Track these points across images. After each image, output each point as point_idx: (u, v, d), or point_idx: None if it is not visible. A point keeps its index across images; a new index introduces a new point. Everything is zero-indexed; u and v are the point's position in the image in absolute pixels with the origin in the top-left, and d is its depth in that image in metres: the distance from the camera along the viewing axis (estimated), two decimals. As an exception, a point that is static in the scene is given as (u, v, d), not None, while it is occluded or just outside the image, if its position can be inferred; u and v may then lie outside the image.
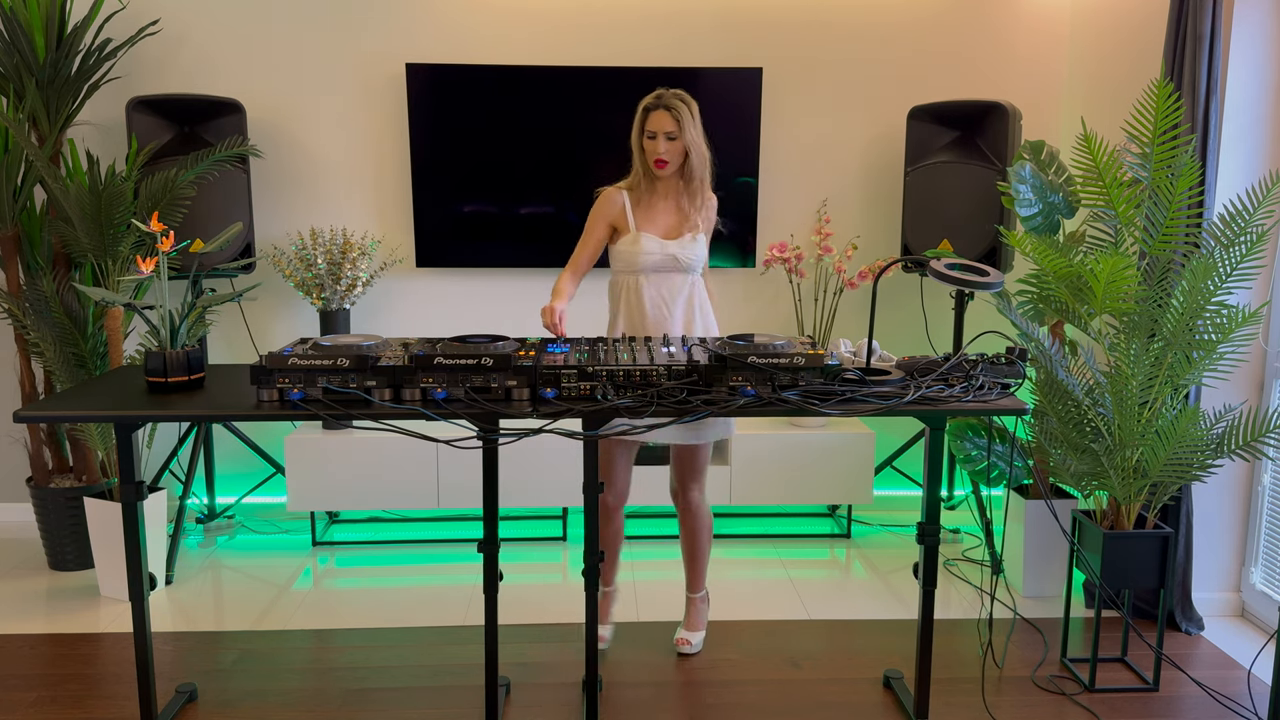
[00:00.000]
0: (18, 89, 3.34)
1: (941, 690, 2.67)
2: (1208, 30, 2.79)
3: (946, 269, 2.30)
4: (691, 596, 2.94)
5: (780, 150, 3.93)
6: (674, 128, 2.59)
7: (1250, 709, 2.61)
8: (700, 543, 2.88)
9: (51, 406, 2.15)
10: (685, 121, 2.60)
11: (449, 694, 2.66)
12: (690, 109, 2.62)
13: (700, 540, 2.87)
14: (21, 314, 3.35)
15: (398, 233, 3.90)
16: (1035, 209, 3.00)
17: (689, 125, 2.60)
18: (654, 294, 2.68)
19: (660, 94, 2.62)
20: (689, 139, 2.61)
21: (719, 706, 2.61)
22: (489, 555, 2.34)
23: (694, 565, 2.91)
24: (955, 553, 3.71)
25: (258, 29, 3.75)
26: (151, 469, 3.82)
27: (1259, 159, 2.98)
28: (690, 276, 2.71)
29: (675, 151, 2.62)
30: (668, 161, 2.63)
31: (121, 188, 3.19)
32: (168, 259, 2.38)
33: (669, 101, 2.60)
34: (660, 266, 2.67)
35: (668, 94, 2.61)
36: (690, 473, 2.81)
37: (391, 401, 2.11)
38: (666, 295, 2.68)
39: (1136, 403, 2.73)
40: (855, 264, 3.93)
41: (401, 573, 3.53)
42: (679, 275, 2.69)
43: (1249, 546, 3.13)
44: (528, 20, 3.80)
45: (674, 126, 2.59)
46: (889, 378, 2.20)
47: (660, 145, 2.61)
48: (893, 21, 3.87)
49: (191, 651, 2.90)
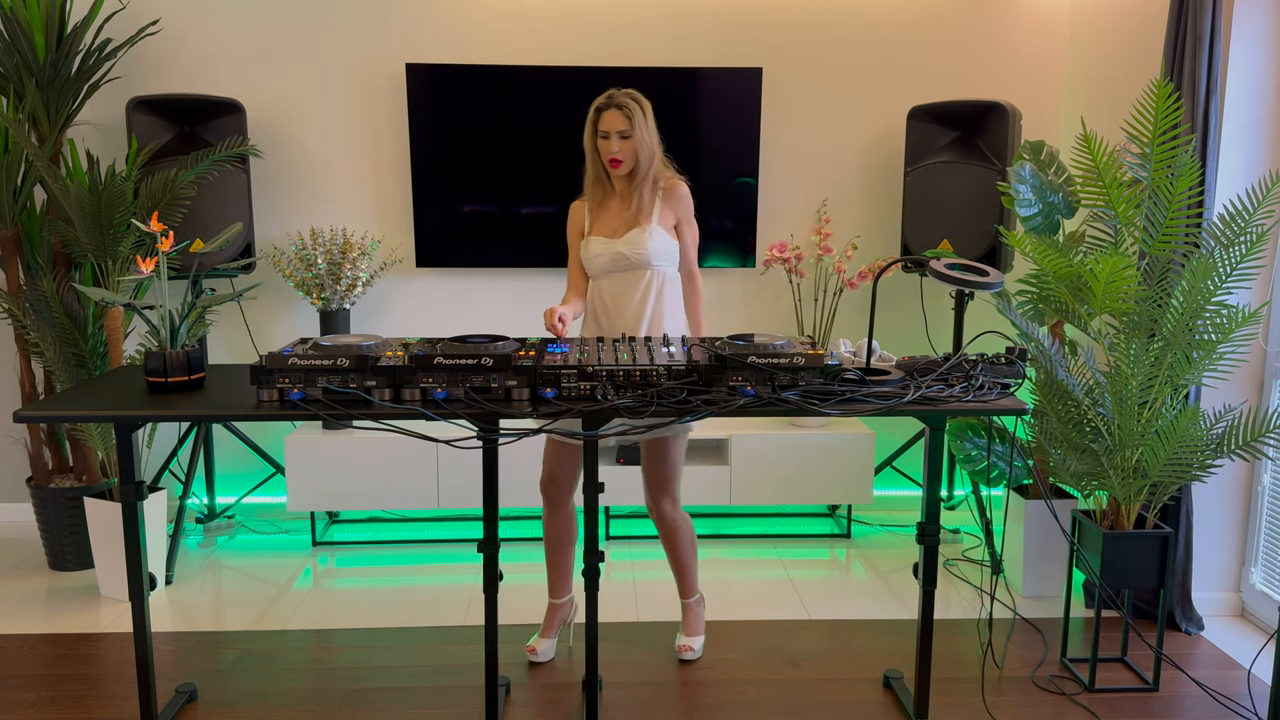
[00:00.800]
0: (18, 89, 3.34)
1: (941, 690, 2.67)
2: (1208, 30, 2.79)
3: (946, 269, 2.30)
4: (686, 602, 2.92)
5: (780, 150, 3.93)
6: (626, 126, 2.60)
7: (1250, 709, 2.61)
8: (684, 553, 2.84)
9: (51, 406, 2.15)
10: (638, 120, 2.60)
11: (449, 694, 2.66)
12: (643, 108, 2.63)
13: (683, 551, 2.83)
14: (21, 314, 3.35)
15: (398, 233, 3.90)
16: (1035, 209, 3.00)
17: (641, 124, 2.61)
18: (610, 294, 2.69)
19: (611, 94, 2.63)
20: (640, 138, 2.62)
21: (719, 706, 2.61)
22: (489, 555, 2.34)
23: (682, 574, 2.88)
24: (955, 553, 3.71)
25: (258, 29, 3.75)
26: (151, 469, 3.82)
27: (1259, 159, 2.98)
28: (648, 272, 2.67)
29: (629, 150, 2.63)
30: (622, 160, 2.63)
31: (121, 188, 3.19)
32: (168, 259, 2.38)
33: (621, 101, 2.60)
34: (611, 266, 2.67)
35: (619, 94, 2.62)
36: (658, 481, 2.75)
37: (391, 401, 2.11)
38: (621, 292, 2.67)
39: (1136, 403, 2.73)
40: (855, 264, 3.93)
41: (401, 573, 3.53)
42: (633, 272, 2.67)
43: (1249, 546, 3.13)
44: (527, 20, 3.80)
45: (627, 125, 2.60)
46: (889, 378, 2.20)
47: (614, 145, 2.61)
48: (893, 21, 3.87)
49: (191, 651, 2.90)
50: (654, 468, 2.75)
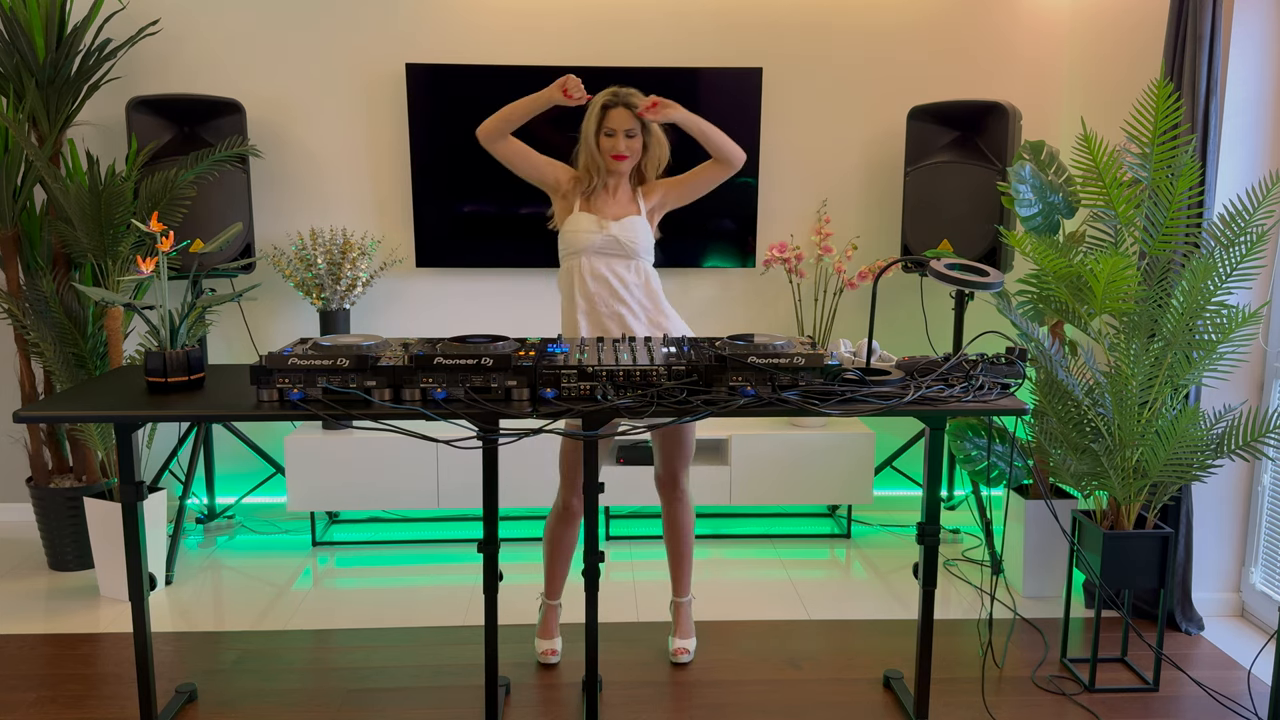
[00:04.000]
0: (18, 89, 3.34)
1: (941, 690, 2.67)
2: (1208, 30, 2.79)
3: (946, 269, 2.30)
4: (679, 601, 2.89)
5: (780, 150, 3.93)
6: (634, 125, 2.63)
7: (1250, 709, 2.61)
8: (689, 538, 2.85)
9: (51, 406, 2.15)
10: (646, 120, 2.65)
11: (449, 694, 2.66)
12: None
13: (689, 535, 2.84)
14: (21, 314, 3.35)
15: (398, 233, 3.90)
16: (1035, 209, 3.00)
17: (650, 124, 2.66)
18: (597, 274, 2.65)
19: (617, 91, 2.65)
20: (647, 135, 2.67)
21: (719, 706, 2.61)
22: (489, 555, 2.34)
23: (681, 564, 2.86)
24: (955, 553, 3.71)
25: (258, 29, 3.75)
26: (151, 469, 3.82)
27: (1259, 159, 2.98)
28: (635, 261, 2.66)
29: (635, 148, 2.66)
30: (627, 156, 2.65)
31: (121, 188, 3.19)
32: (168, 259, 2.38)
33: (629, 99, 2.63)
34: (603, 247, 2.64)
35: (624, 92, 2.64)
36: (681, 458, 2.76)
37: (391, 401, 2.11)
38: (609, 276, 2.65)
39: (1136, 403, 2.73)
40: (855, 264, 3.93)
41: (401, 573, 3.53)
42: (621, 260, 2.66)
43: (1249, 546, 3.13)
44: (528, 20, 3.80)
45: (634, 124, 2.63)
46: (889, 378, 2.20)
47: (620, 142, 2.63)
48: (893, 21, 3.87)
49: (191, 651, 2.90)
50: (678, 440, 2.74)
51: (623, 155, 2.64)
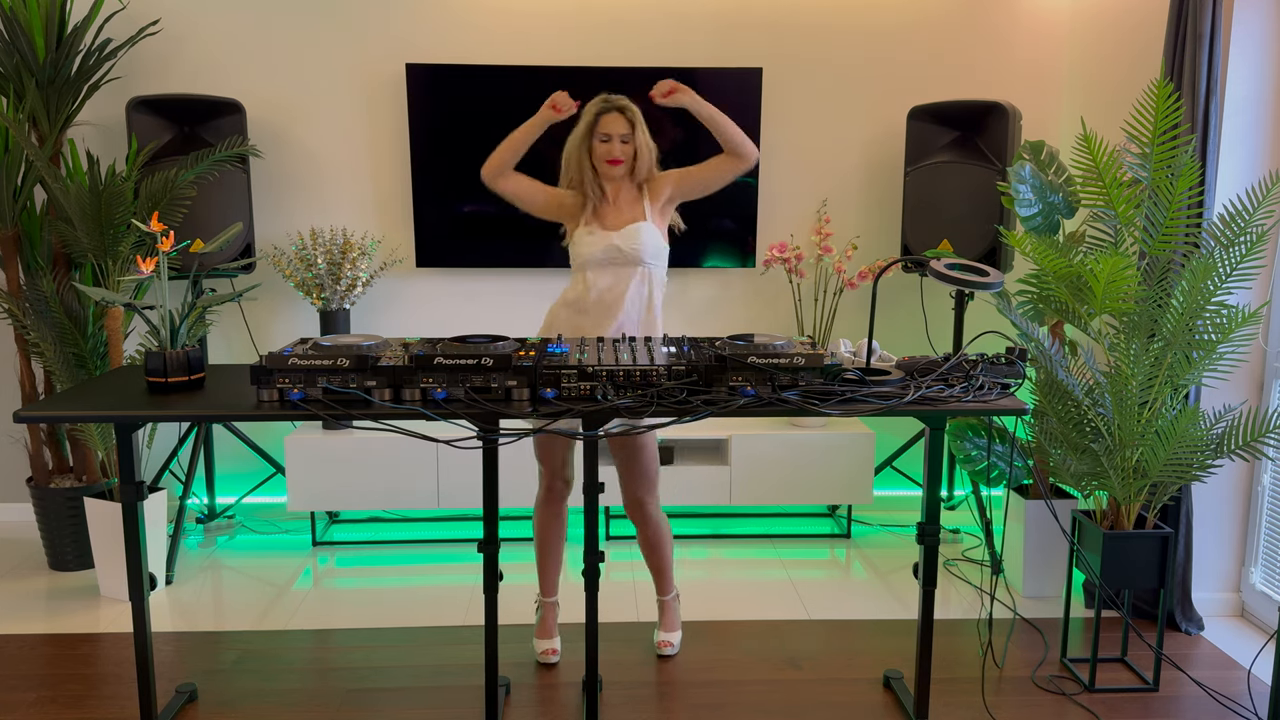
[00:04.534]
0: (18, 89, 3.34)
1: (941, 690, 2.67)
2: (1208, 30, 2.79)
3: (946, 269, 2.30)
4: (663, 599, 2.94)
5: (780, 150, 3.93)
6: (628, 130, 2.67)
7: (1250, 709, 2.61)
8: (663, 552, 2.87)
9: (51, 406, 2.15)
10: (638, 123, 2.69)
11: (449, 694, 2.66)
12: (638, 111, 2.71)
13: (663, 550, 2.86)
14: (21, 314, 3.35)
15: (398, 233, 3.91)
16: (1035, 209, 3.00)
17: (641, 127, 2.69)
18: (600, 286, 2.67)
19: (608, 98, 2.69)
20: (640, 141, 2.69)
21: (719, 706, 2.61)
22: (489, 555, 2.34)
23: (660, 573, 2.91)
24: (955, 553, 3.71)
25: (258, 29, 3.75)
26: (151, 469, 3.82)
27: (1259, 159, 2.98)
28: (640, 268, 2.67)
29: (629, 152, 2.69)
30: (622, 160, 2.68)
31: (121, 188, 3.19)
32: (168, 259, 2.38)
33: (622, 104, 2.68)
34: (605, 258, 2.65)
35: (615, 98, 2.69)
36: (639, 477, 2.75)
37: (391, 401, 2.11)
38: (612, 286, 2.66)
39: (1136, 403, 2.73)
40: (855, 264, 3.93)
41: (401, 573, 3.53)
42: (625, 268, 2.66)
43: (1249, 546, 3.13)
44: (528, 20, 3.80)
45: (628, 129, 2.67)
46: (889, 378, 2.20)
47: (615, 147, 2.66)
48: (893, 21, 3.87)
49: (191, 651, 2.90)
50: (633, 464, 2.73)
51: (618, 159, 2.66)
